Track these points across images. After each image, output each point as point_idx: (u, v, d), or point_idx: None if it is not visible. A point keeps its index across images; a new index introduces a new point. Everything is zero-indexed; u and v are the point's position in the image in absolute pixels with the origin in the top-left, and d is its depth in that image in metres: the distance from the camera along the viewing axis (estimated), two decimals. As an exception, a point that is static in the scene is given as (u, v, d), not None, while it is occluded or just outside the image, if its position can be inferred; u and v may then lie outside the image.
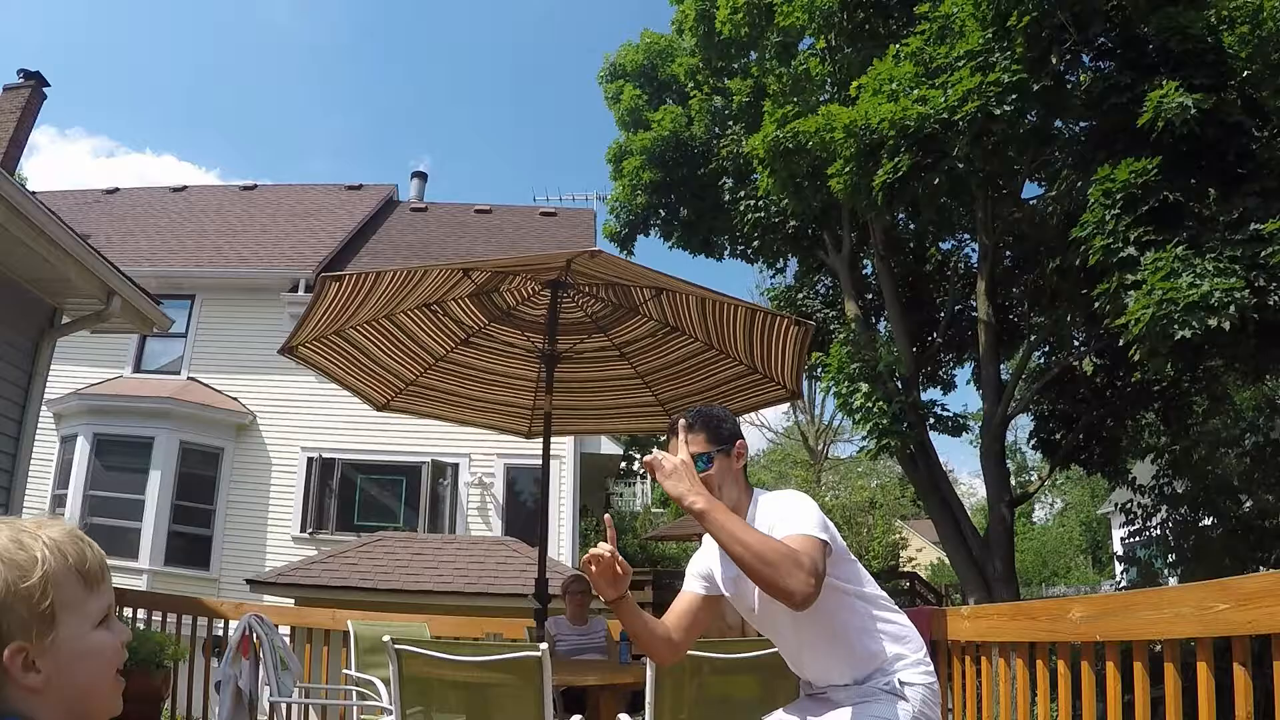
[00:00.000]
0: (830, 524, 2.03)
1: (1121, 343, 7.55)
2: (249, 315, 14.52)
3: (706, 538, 2.24)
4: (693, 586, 2.27)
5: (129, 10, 69.11)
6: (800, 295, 14.40)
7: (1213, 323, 6.66)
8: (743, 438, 2.23)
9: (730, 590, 2.20)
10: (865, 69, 9.80)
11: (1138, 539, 12.77)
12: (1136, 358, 7.45)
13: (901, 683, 2.01)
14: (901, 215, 11.47)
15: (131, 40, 70.05)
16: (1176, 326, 6.76)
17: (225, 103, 73.62)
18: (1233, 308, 6.61)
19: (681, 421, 2.19)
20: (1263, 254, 6.87)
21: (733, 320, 4.71)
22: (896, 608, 2.17)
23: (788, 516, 1.99)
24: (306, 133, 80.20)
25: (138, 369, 14.52)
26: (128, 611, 6.67)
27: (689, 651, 2.36)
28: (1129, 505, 12.33)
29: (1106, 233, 7.54)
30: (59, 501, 13.04)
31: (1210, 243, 7.08)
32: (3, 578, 0.86)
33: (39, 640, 0.86)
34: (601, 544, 2.02)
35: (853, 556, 2.14)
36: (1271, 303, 6.80)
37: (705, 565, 2.27)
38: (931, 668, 2.11)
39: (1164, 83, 7.42)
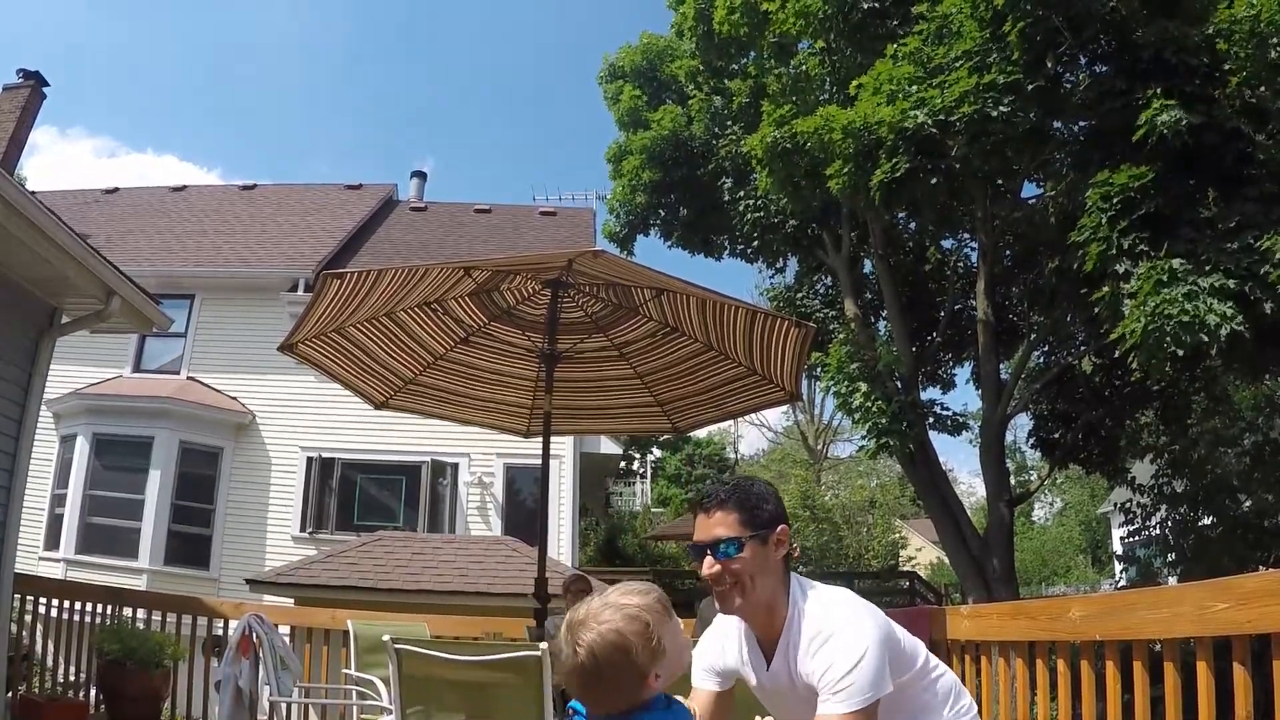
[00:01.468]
0: (887, 647, 1.76)
1: (1118, 353, 7.57)
2: (249, 315, 14.52)
3: (716, 620, 2.03)
4: (705, 685, 1.99)
5: (129, 10, 69.09)
6: (800, 295, 14.40)
7: (1206, 340, 6.69)
8: (786, 523, 1.88)
9: (758, 683, 1.96)
10: (864, 69, 9.80)
11: (1137, 538, 12.79)
12: (1135, 364, 7.47)
13: None
14: (901, 215, 11.48)
15: (132, 40, 70.03)
16: (1169, 340, 6.78)
17: (227, 103, 73.62)
18: (1225, 330, 6.62)
19: (716, 495, 1.86)
20: (1262, 269, 6.87)
21: (733, 321, 4.71)
22: (936, 659, 1.98)
23: (833, 680, 1.71)
24: (308, 134, 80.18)
25: (137, 369, 14.52)
26: (127, 611, 6.67)
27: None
28: (1128, 505, 12.35)
29: (1102, 238, 7.55)
30: (59, 501, 13.05)
31: (1206, 254, 7.08)
32: (639, 636, 1.49)
33: (657, 662, 1.53)
34: None
35: (904, 640, 1.86)
36: (1268, 310, 6.80)
37: (718, 659, 2.00)
38: (975, 712, 1.97)
39: (1157, 93, 7.41)
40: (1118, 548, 18.01)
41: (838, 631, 1.76)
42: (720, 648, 1.99)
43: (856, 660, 1.70)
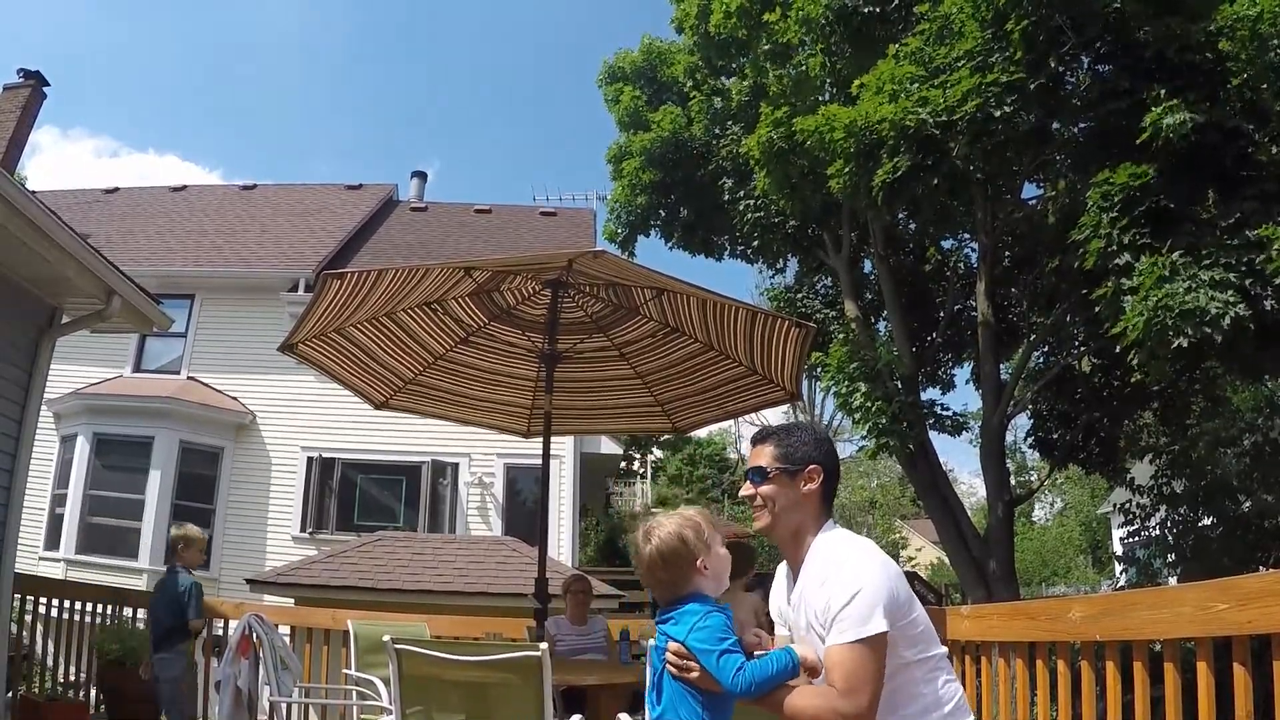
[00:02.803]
0: (889, 589, 1.87)
1: (1119, 349, 7.55)
2: (249, 315, 14.52)
3: (779, 574, 2.20)
4: (781, 632, 2.18)
5: (130, 10, 69.10)
6: (800, 295, 14.39)
7: (1209, 331, 6.66)
8: (819, 465, 2.05)
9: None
10: (865, 69, 9.80)
11: (1137, 539, 12.77)
12: (1136, 363, 7.45)
13: None
14: (901, 215, 11.47)
15: (132, 40, 70.04)
16: (1172, 334, 6.76)
17: (227, 103, 73.65)
18: (1227, 319, 6.60)
19: (763, 432, 2.13)
20: (1258, 261, 6.86)
21: (733, 321, 4.71)
22: (950, 668, 2.05)
23: (835, 617, 1.85)
24: (308, 134, 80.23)
25: (138, 369, 14.53)
26: (127, 611, 6.67)
27: None
28: (1128, 505, 12.33)
29: (1103, 236, 7.54)
30: (59, 501, 13.05)
31: (1207, 250, 7.07)
32: (693, 530, 1.97)
33: (706, 554, 1.96)
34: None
35: (915, 610, 1.95)
36: (1269, 308, 6.79)
37: (775, 600, 2.20)
38: None
39: (1161, 94, 7.40)
40: (1118, 548, 18.00)
41: (840, 568, 1.90)
42: (776, 590, 2.20)
43: (851, 595, 1.84)
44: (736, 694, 1.85)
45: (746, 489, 2.12)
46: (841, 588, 1.86)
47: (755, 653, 1.91)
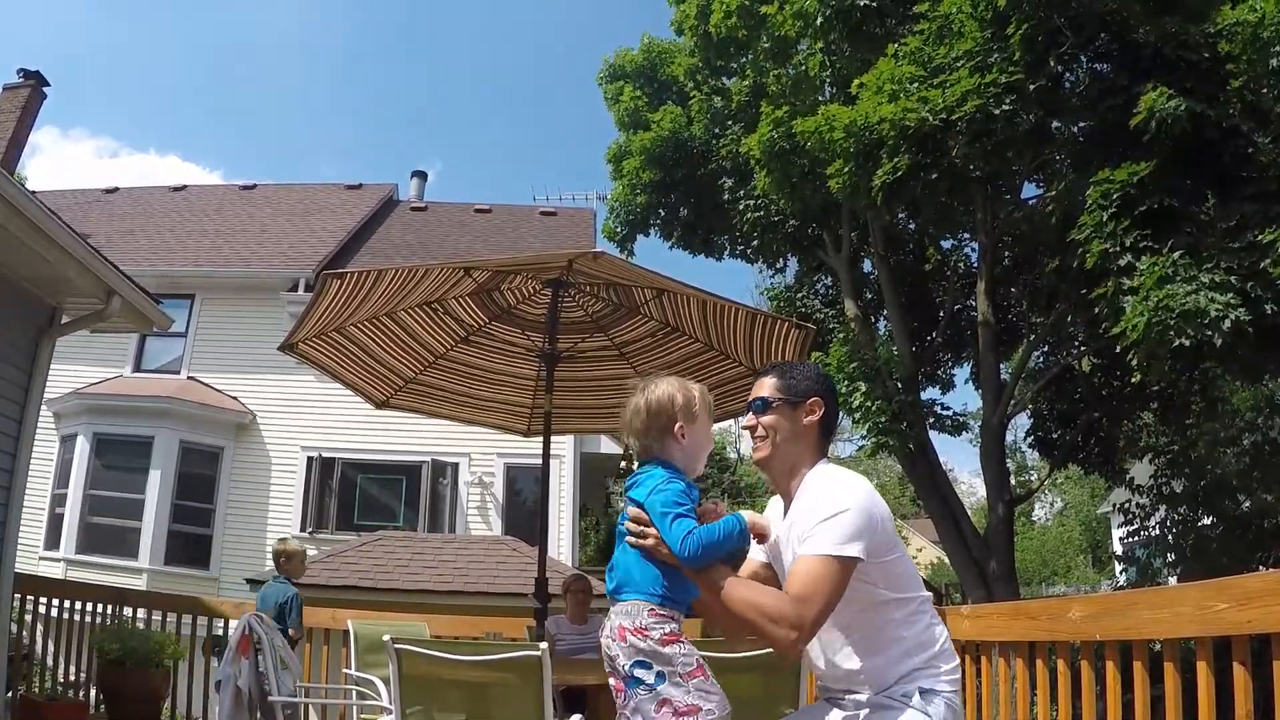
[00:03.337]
0: (873, 518, 1.87)
1: (1119, 349, 7.55)
2: (249, 315, 14.52)
3: (771, 502, 2.21)
4: (756, 556, 2.19)
5: (130, 10, 69.10)
6: (800, 295, 14.39)
7: (1209, 333, 6.66)
8: (820, 398, 2.08)
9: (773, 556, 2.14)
10: (864, 69, 9.80)
11: (1137, 539, 12.77)
12: (1135, 363, 7.45)
13: (924, 691, 1.88)
14: (901, 215, 11.47)
15: (133, 40, 70.04)
16: (1173, 334, 6.75)
17: (227, 103, 73.66)
18: (1227, 322, 6.60)
19: (766, 367, 2.19)
20: (1262, 264, 6.85)
21: (733, 322, 4.71)
22: (934, 611, 2.02)
23: (813, 528, 1.86)
24: (308, 134, 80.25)
25: (138, 368, 14.52)
26: (127, 611, 6.67)
27: None
28: (1128, 505, 12.34)
29: (1104, 235, 7.55)
30: (59, 501, 13.05)
31: (1208, 251, 7.07)
32: (684, 395, 1.99)
33: (687, 423, 1.98)
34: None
35: (899, 552, 1.95)
36: (1268, 311, 6.78)
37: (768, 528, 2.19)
38: (958, 677, 1.98)
39: (1157, 86, 7.41)
40: (1118, 548, 17.99)
41: (830, 491, 1.92)
42: (771, 518, 2.17)
43: (835, 512, 1.84)
44: (684, 559, 1.83)
45: (748, 419, 2.13)
46: (828, 504, 1.87)
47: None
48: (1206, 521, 11.50)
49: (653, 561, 1.88)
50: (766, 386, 2.11)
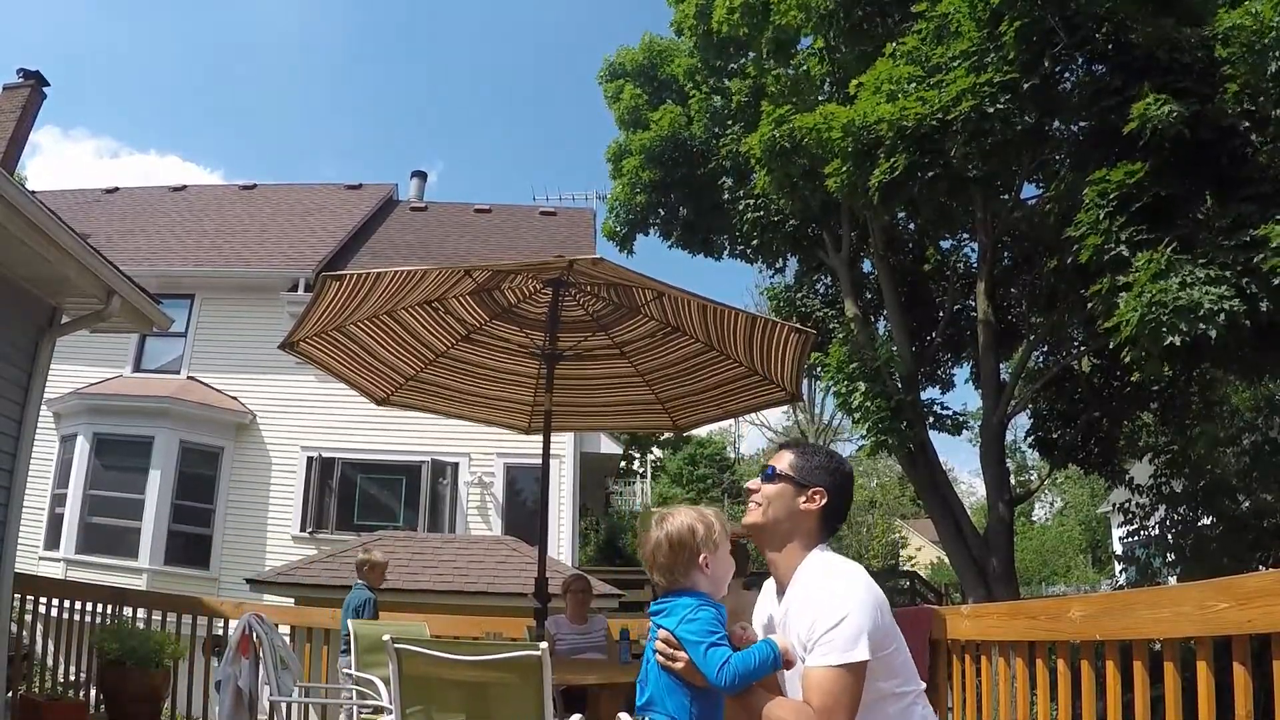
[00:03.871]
0: (874, 614, 1.87)
1: (1112, 345, 7.53)
2: (249, 315, 14.51)
3: (765, 588, 2.21)
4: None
5: (130, 11, 69.08)
6: (800, 295, 14.38)
7: (1203, 327, 6.63)
8: (826, 491, 2.06)
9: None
10: (864, 67, 9.80)
11: (1136, 538, 12.77)
12: (1129, 360, 7.43)
13: None
14: (901, 215, 11.47)
15: (133, 40, 70.03)
16: (1165, 330, 6.73)
17: (227, 103, 73.64)
18: (1222, 315, 6.58)
19: (789, 441, 2.21)
20: (1255, 259, 6.83)
21: (733, 324, 4.71)
22: (927, 701, 2.05)
23: (820, 639, 1.85)
24: (308, 134, 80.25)
25: (137, 368, 14.51)
26: (127, 611, 6.67)
27: None
28: (1128, 505, 12.33)
29: (1100, 231, 7.53)
30: (59, 501, 13.04)
31: (1203, 247, 7.05)
32: (704, 526, 2.00)
33: (710, 553, 2.00)
34: None
35: (897, 643, 1.96)
36: (1264, 309, 6.77)
37: (763, 609, 2.20)
38: None
39: (1148, 89, 7.39)
40: (1117, 548, 17.98)
41: (829, 591, 1.90)
42: (760, 606, 2.21)
43: (839, 619, 1.84)
44: (721, 687, 1.86)
45: (754, 482, 2.16)
46: (829, 610, 1.86)
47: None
48: (1206, 521, 11.49)
49: (681, 686, 1.92)
50: (782, 459, 2.12)
